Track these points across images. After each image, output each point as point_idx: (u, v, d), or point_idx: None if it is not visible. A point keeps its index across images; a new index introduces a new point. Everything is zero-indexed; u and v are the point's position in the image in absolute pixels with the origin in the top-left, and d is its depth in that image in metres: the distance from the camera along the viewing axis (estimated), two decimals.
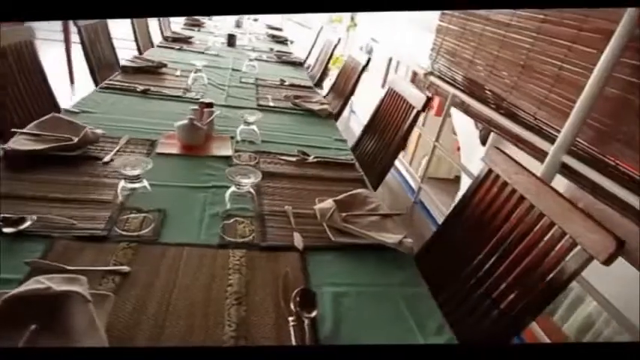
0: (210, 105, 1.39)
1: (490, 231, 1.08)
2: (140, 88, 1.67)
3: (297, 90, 2.09)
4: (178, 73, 1.98)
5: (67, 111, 1.34)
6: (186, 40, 2.79)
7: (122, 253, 0.78)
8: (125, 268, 0.74)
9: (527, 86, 1.79)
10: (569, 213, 0.87)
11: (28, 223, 0.79)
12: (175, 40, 2.77)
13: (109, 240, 0.81)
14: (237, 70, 2.26)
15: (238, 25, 3.89)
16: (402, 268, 0.90)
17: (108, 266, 0.74)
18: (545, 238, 0.96)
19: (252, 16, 4.50)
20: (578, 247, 0.82)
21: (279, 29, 4.11)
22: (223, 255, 0.83)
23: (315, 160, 1.33)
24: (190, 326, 0.66)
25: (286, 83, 2.18)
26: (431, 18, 2.96)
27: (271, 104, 1.79)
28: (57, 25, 2.16)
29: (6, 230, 0.77)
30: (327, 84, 3.11)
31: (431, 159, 3.13)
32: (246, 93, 1.91)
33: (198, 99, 1.71)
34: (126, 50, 2.58)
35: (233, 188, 0.87)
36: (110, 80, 1.72)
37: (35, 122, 1.15)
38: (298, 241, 0.91)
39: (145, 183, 0.85)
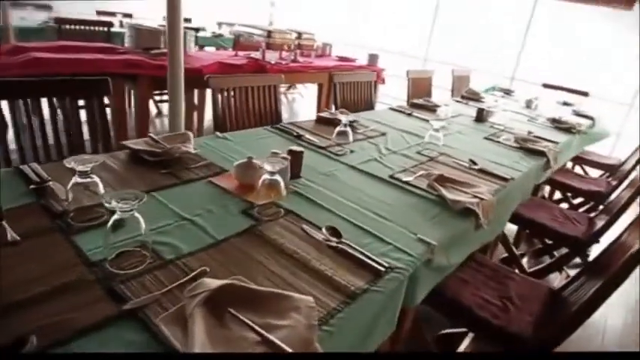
0: (296, 153, 1.34)
1: None
2: (298, 132, 1.80)
3: (477, 177, 1.64)
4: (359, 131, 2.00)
5: (216, 135, 1.66)
6: (430, 109, 2.73)
7: (40, 228, 0.92)
8: (17, 238, 0.87)
9: None
10: None
11: (46, 185, 1.07)
12: (420, 106, 2.76)
13: (54, 217, 0.97)
14: (430, 142, 2.00)
15: (528, 105, 3.37)
16: None
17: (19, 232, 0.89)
18: None
19: (564, 99, 3.79)
20: None
21: (590, 118, 3.24)
22: (79, 271, 0.81)
23: (336, 244, 1.03)
24: None
25: (476, 167, 1.74)
26: None
27: (405, 179, 1.49)
28: None
29: (32, 186, 1.07)
30: None
31: None
32: (402, 163, 1.67)
33: (339, 154, 1.67)
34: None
35: (116, 215, 0.83)
36: (290, 123, 1.96)
37: (171, 133, 1.50)
38: (142, 300, 0.76)
39: (96, 179, 0.96)
